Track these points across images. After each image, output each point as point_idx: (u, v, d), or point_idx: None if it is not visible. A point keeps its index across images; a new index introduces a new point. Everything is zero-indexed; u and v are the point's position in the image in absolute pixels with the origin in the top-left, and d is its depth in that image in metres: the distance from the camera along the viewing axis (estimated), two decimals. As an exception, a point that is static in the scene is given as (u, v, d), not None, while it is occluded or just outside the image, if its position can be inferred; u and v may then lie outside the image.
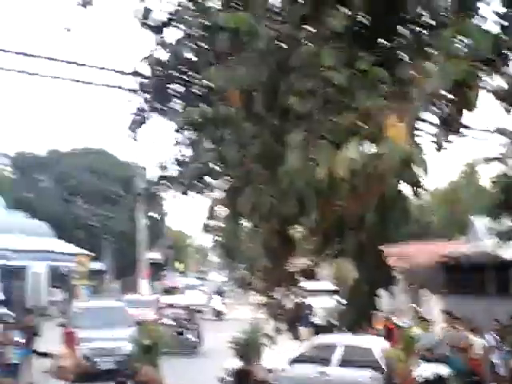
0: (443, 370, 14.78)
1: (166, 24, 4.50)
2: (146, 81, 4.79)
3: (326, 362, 14.94)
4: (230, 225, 4.27)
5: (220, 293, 42.13)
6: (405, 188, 3.08)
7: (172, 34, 4.54)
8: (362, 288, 4.45)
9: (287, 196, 3.29)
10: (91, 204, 49.20)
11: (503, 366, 13.22)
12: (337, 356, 14.97)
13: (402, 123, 2.70)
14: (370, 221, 3.11)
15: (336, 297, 25.30)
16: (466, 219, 30.53)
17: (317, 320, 24.48)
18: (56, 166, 54.69)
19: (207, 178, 4.78)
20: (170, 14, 4.53)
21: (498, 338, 15.83)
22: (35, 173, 52.64)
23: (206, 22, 3.78)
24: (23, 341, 17.16)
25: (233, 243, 4.36)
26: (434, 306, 23.94)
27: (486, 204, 23.25)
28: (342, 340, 15.59)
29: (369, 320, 4.81)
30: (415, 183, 2.92)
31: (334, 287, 29.04)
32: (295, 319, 16.67)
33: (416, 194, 2.98)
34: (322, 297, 26.51)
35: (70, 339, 13.95)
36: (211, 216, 4.51)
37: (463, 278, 23.85)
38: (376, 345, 15.25)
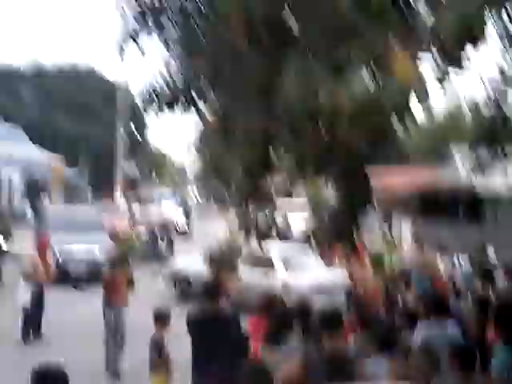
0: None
1: None
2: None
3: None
4: (219, 145, 4.23)
5: (184, 206, 42.03)
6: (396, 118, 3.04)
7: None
8: (343, 207, 4.46)
9: (280, 121, 3.26)
10: (73, 116, 48.54)
11: (466, 287, 13.65)
12: None
13: (407, 54, 2.66)
14: (360, 147, 3.09)
15: (310, 215, 25.52)
16: (446, 148, 30.82)
17: (291, 234, 24.84)
18: (38, 76, 53.61)
19: (197, 99, 4.70)
20: None
21: (464, 261, 16.29)
22: (13, 81, 51.51)
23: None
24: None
25: (219, 162, 4.33)
26: (405, 229, 24.35)
27: (467, 136, 23.36)
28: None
29: (351, 239, 4.84)
30: (410, 113, 2.89)
31: (308, 205, 29.38)
32: (267, 233, 16.90)
33: (406, 125, 2.95)
34: (296, 213, 26.74)
35: (43, 243, 13.98)
36: (200, 136, 4.45)
37: (436, 203, 24.19)
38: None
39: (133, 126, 50.67)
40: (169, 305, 11.26)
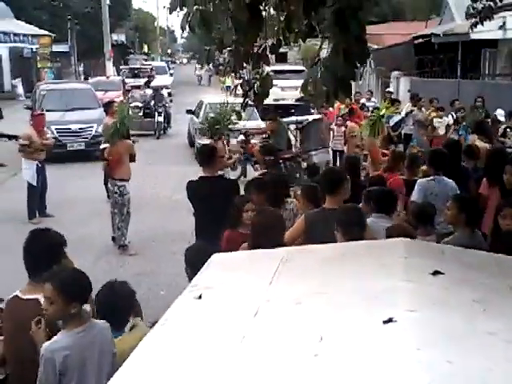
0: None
1: None
2: None
3: None
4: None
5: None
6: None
7: None
8: (338, 60, 4.32)
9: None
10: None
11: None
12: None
13: None
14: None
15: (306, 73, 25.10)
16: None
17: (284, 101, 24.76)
18: None
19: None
20: None
21: (459, 116, 16.29)
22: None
23: None
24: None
25: (206, 16, 4.23)
26: (402, 86, 24.20)
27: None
28: None
29: (347, 91, 4.74)
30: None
31: (301, 68, 29.08)
32: (264, 96, 16.58)
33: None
34: (290, 80, 26.43)
35: (38, 121, 13.92)
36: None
37: (433, 59, 23.93)
38: None
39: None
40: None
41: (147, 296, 7.89)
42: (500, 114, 15.44)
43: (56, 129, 19.29)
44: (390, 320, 2.74)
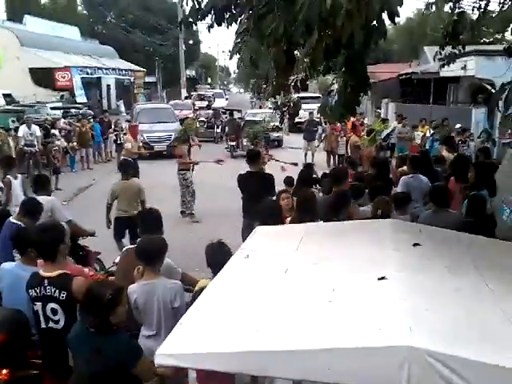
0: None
1: None
2: None
3: None
4: (254, 44, 4.06)
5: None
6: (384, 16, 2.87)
7: None
8: (347, 92, 4.30)
9: (297, 22, 3.12)
10: (145, 34, 46.92)
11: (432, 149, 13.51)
12: None
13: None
14: (357, 39, 2.95)
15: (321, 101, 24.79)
16: (420, 47, 29.44)
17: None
18: (117, 3, 51.02)
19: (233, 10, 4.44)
20: None
21: (431, 131, 15.94)
22: (102, 8, 49.37)
23: None
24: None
25: (255, 58, 4.17)
26: (390, 109, 23.84)
27: (436, 36, 22.03)
28: None
29: (353, 114, 4.74)
30: (393, 11, 2.73)
31: (318, 95, 28.80)
32: (295, 114, 16.56)
33: (392, 20, 2.78)
34: (310, 104, 26.10)
35: (134, 130, 14.08)
36: (238, 38, 4.25)
37: (413, 90, 23.65)
38: None
39: (189, 39, 48.90)
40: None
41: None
42: (458, 127, 15.12)
43: (147, 136, 19.54)
44: (383, 278, 2.69)
